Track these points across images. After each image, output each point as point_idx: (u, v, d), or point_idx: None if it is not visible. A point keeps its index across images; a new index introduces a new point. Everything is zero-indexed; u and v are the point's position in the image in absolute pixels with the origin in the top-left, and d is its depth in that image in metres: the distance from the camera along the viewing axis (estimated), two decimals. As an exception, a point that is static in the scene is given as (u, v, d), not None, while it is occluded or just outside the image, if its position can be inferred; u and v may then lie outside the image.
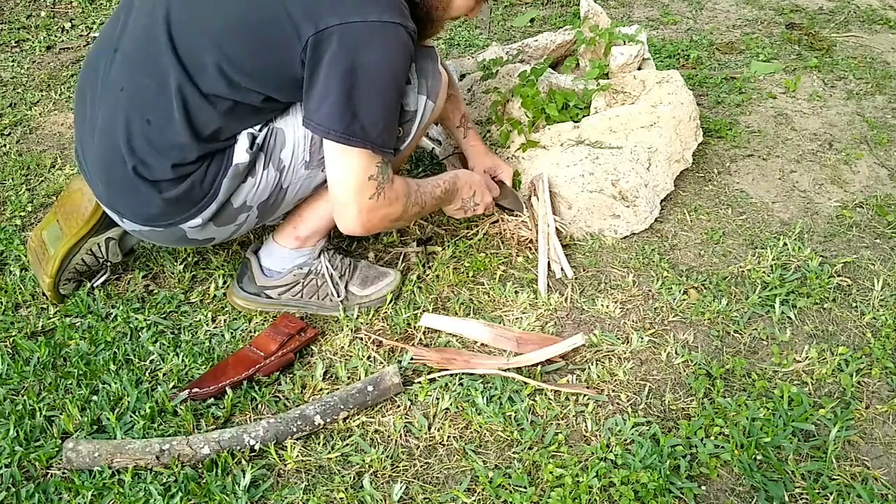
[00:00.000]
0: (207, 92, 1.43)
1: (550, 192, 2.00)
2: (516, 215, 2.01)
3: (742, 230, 2.08)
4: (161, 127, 1.44)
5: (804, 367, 1.64)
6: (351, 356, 1.66)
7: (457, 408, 1.54)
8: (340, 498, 1.36)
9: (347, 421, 1.50)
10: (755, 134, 2.53)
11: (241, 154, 1.50)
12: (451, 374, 1.60)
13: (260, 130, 1.52)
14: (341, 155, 1.45)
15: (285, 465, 1.42)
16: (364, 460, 1.42)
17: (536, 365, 1.61)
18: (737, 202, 2.19)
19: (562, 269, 1.90)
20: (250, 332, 1.73)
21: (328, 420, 1.48)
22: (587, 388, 1.58)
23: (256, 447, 1.42)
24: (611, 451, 1.43)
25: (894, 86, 2.86)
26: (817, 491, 1.37)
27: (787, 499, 1.36)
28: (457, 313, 1.79)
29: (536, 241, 1.95)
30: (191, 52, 1.42)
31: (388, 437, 1.48)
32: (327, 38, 1.36)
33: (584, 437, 1.48)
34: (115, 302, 1.80)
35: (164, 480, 1.37)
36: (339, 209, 1.52)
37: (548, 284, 1.86)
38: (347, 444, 1.46)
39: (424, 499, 1.37)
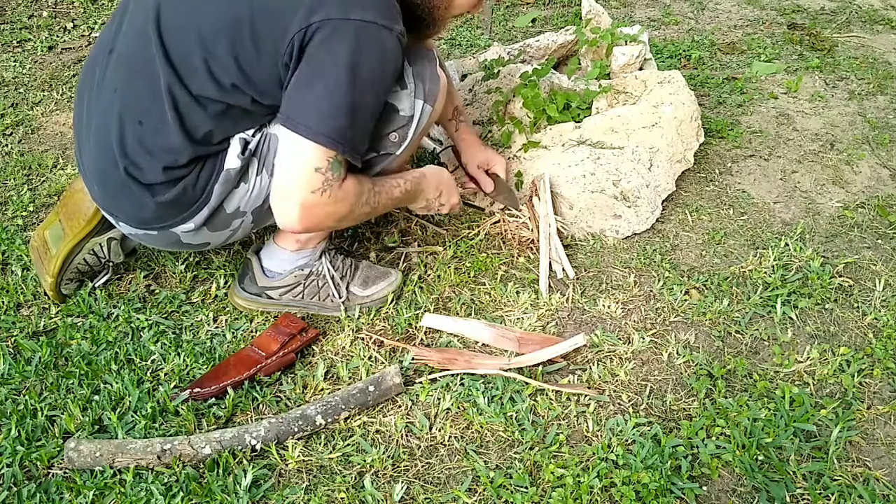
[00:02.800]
0: (197, 93, 1.42)
1: (552, 192, 2.00)
2: (514, 215, 2.01)
3: (743, 230, 2.08)
4: (153, 129, 1.44)
5: (806, 367, 1.64)
6: (352, 356, 1.66)
7: (458, 408, 1.54)
8: (342, 498, 1.36)
9: (349, 421, 1.50)
10: (757, 134, 2.53)
11: (232, 159, 1.49)
12: (453, 375, 1.60)
13: (253, 136, 1.52)
14: (291, 145, 1.41)
15: (286, 465, 1.42)
16: (365, 460, 1.42)
17: (538, 365, 1.61)
18: (738, 202, 2.19)
19: (563, 270, 1.90)
20: (251, 332, 1.73)
21: (329, 420, 1.48)
22: (588, 388, 1.58)
23: (258, 447, 1.42)
24: (612, 452, 1.43)
25: (896, 86, 2.86)
26: (819, 491, 1.37)
27: (788, 499, 1.36)
28: (458, 313, 1.79)
29: (538, 241, 1.95)
30: (181, 53, 1.42)
31: (390, 437, 1.48)
32: (309, 34, 1.36)
33: (586, 437, 1.48)
34: (117, 302, 1.80)
35: (166, 480, 1.37)
36: (279, 201, 1.45)
37: (549, 284, 1.86)
38: (349, 444, 1.46)
39: (426, 499, 1.37)
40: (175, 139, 1.43)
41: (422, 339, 1.72)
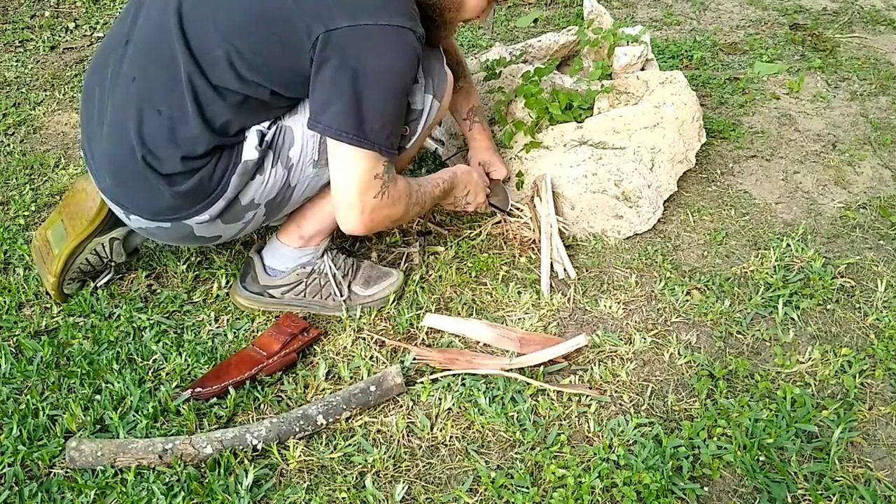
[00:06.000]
0: (217, 84, 1.43)
1: (553, 192, 2.00)
2: (508, 213, 2.02)
3: (745, 231, 2.08)
4: (172, 118, 1.45)
5: (807, 368, 1.64)
6: (353, 356, 1.66)
7: (459, 408, 1.54)
8: (343, 498, 1.36)
9: (350, 421, 1.50)
10: (758, 135, 2.53)
11: (250, 151, 1.50)
12: (454, 375, 1.60)
13: (269, 128, 1.53)
14: (350, 156, 1.45)
15: (288, 465, 1.42)
16: (366, 460, 1.43)
17: (539, 365, 1.61)
18: (740, 203, 2.19)
19: (564, 270, 1.90)
20: (253, 331, 1.73)
21: (331, 420, 1.48)
22: (590, 388, 1.58)
23: (259, 447, 1.42)
24: (613, 452, 1.43)
25: (898, 87, 2.86)
26: (820, 492, 1.37)
27: (789, 500, 1.36)
28: (459, 313, 1.79)
29: (539, 241, 1.95)
30: (202, 44, 1.43)
31: (391, 437, 1.49)
32: (336, 38, 1.37)
33: (587, 437, 1.48)
34: (119, 301, 1.80)
35: (167, 480, 1.37)
36: (344, 209, 1.51)
37: (550, 285, 1.86)
38: (350, 444, 1.46)
39: (427, 499, 1.37)
40: (195, 129, 1.44)
41: (423, 340, 1.72)
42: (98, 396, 1.54)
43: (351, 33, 1.37)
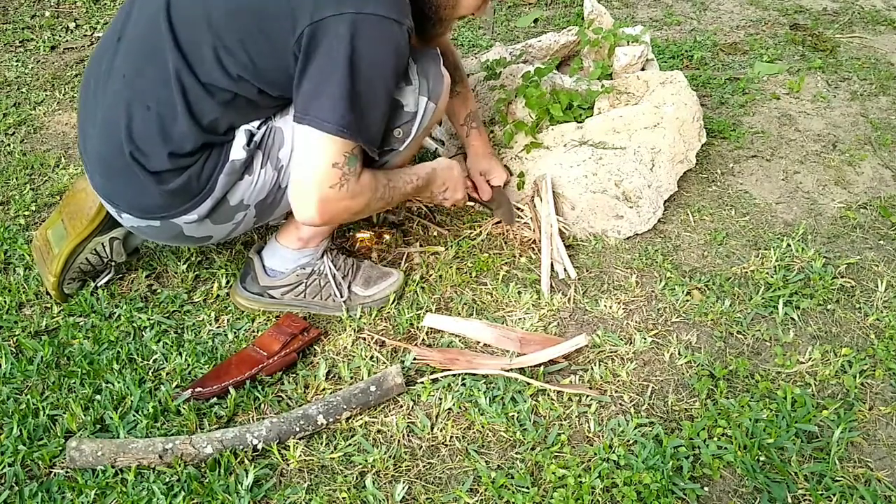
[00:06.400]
0: (205, 81, 1.43)
1: (554, 192, 2.00)
2: (516, 216, 2.02)
3: (745, 231, 2.08)
4: (161, 114, 1.45)
5: (807, 368, 1.64)
6: (354, 356, 1.66)
7: (459, 408, 1.54)
8: (343, 498, 1.36)
9: (350, 421, 1.50)
10: (759, 135, 2.53)
11: (238, 150, 1.50)
12: (454, 375, 1.60)
13: (258, 128, 1.53)
14: (308, 139, 1.42)
15: (288, 465, 1.42)
16: (366, 460, 1.43)
17: (539, 365, 1.61)
18: (740, 203, 2.19)
19: (565, 270, 1.90)
20: (253, 331, 1.73)
21: (331, 420, 1.48)
22: (590, 388, 1.58)
23: (259, 447, 1.42)
24: (613, 452, 1.43)
25: (898, 87, 2.86)
26: (820, 492, 1.37)
27: (790, 500, 1.36)
28: (460, 313, 1.79)
29: (539, 241, 1.95)
30: (190, 40, 1.42)
31: (391, 437, 1.48)
32: (322, 28, 1.36)
33: (587, 437, 1.48)
34: (119, 301, 1.80)
35: (167, 480, 1.37)
36: (298, 197, 1.47)
37: (551, 285, 1.86)
38: (350, 444, 1.46)
39: (427, 499, 1.37)
40: (182, 125, 1.44)
41: (423, 340, 1.72)
42: (98, 396, 1.54)
43: (335, 22, 1.36)
